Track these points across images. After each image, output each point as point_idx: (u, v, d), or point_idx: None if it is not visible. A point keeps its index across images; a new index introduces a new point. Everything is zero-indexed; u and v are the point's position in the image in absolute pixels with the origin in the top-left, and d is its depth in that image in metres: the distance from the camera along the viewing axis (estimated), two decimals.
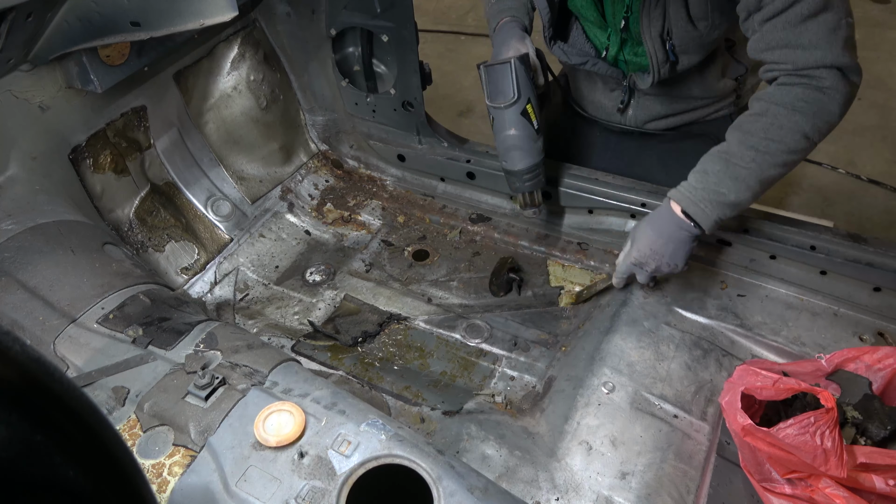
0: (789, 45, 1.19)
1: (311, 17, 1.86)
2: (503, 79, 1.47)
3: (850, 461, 0.96)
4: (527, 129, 1.51)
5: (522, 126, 1.50)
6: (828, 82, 1.19)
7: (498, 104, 1.50)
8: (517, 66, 1.45)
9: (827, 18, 1.16)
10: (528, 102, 1.48)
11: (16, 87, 1.36)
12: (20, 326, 1.15)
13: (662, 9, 1.37)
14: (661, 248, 1.37)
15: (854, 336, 1.38)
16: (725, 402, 1.10)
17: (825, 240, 1.41)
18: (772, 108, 1.24)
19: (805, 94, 1.21)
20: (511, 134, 1.51)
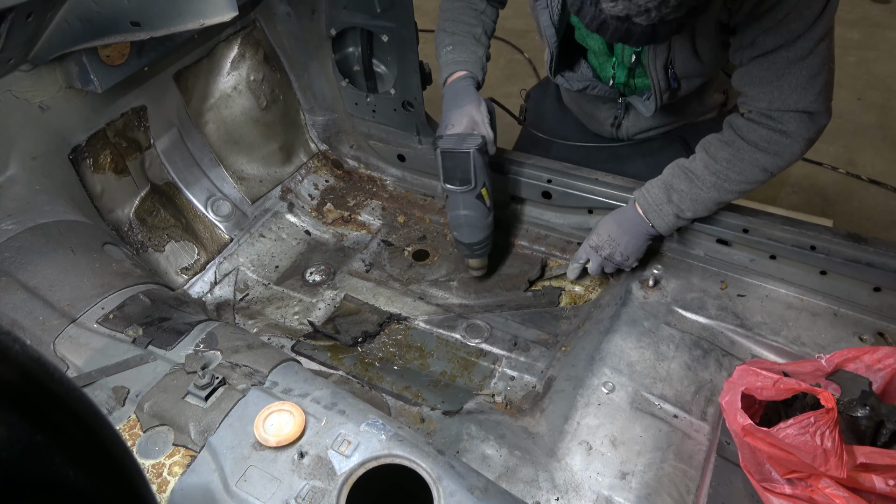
0: (770, 85, 1.25)
1: (311, 17, 1.86)
2: (461, 167, 1.49)
3: (849, 461, 0.96)
4: (480, 210, 1.56)
5: (476, 207, 1.56)
6: (792, 126, 1.27)
7: (454, 187, 1.53)
8: (475, 157, 1.47)
9: (810, 64, 1.21)
10: (482, 186, 1.53)
11: (16, 87, 1.36)
12: (20, 326, 1.15)
13: (668, 43, 1.40)
14: (619, 238, 1.49)
15: (854, 336, 1.38)
16: (725, 402, 1.10)
17: (825, 240, 1.41)
18: (738, 142, 1.33)
19: (769, 136, 1.29)
20: (464, 213, 1.57)
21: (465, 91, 1.54)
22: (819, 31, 1.18)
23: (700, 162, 1.38)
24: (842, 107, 3.31)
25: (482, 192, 1.53)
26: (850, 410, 1.06)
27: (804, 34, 1.18)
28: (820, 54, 1.21)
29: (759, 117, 1.30)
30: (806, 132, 1.28)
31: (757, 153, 1.31)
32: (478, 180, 1.51)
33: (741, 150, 1.33)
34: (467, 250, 1.64)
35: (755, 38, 1.22)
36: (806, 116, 1.26)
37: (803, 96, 1.24)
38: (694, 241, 1.57)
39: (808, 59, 1.21)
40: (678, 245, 1.59)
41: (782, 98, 1.25)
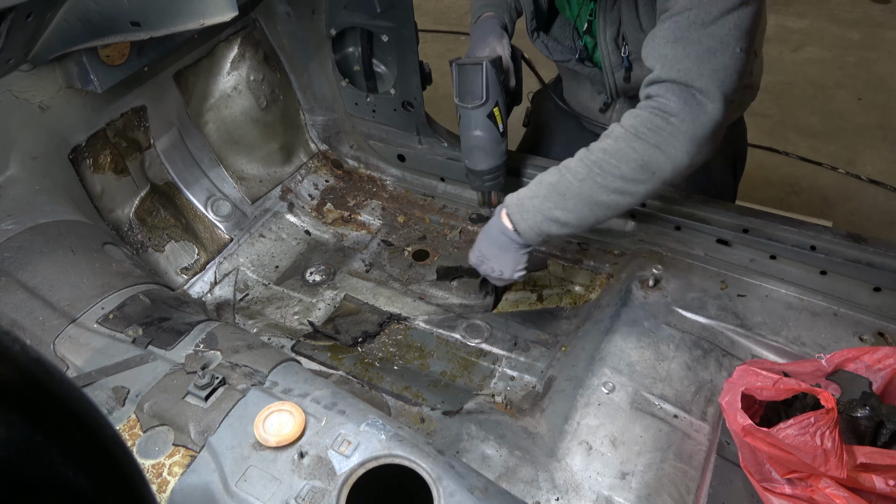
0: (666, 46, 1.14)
1: (311, 17, 1.86)
2: (473, 80, 1.47)
3: (850, 461, 0.96)
4: (492, 132, 1.52)
5: (488, 128, 1.52)
6: (673, 104, 1.12)
7: (466, 104, 1.51)
8: (488, 69, 1.45)
9: (711, 34, 1.10)
10: (495, 105, 1.50)
11: (16, 87, 1.36)
12: (20, 326, 1.15)
13: (618, 13, 1.37)
14: (488, 252, 1.38)
15: (854, 336, 1.38)
16: (725, 402, 1.10)
17: (825, 240, 1.41)
18: (616, 129, 1.20)
19: (650, 120, 1.14)
20: (476, 135, 1.54)
21: (491, 28, 1.55)
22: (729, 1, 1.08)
23: (578, 155, 1.24)
24: (842, 107, 3.31)
25: (494, 112, 1.49)
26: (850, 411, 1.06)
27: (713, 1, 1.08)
28: (726, 26, 1.09)
29: (645, 99, 1.18)
30: (690, 117, 1.12)
31: (634, 141, 1.16)
32: (489, 95, 1.48)
33: (618, 138, 1.18)
34: (478, 180, 1.59)
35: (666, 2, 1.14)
36: (690, 96, 1.11)
37: (693, 66, 1.10)
38: (694, 241, 1.57)
39: (711, 27, 1.09)
40: (678, 245, 1.59)
41: (673, 62, 1.12)
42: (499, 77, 1.48)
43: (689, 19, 1.10)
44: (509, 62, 1.54)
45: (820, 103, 3.34)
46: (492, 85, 1.47)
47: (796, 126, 3.19)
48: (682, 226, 1.56)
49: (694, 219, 1.54)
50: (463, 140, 1.58)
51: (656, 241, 1.62)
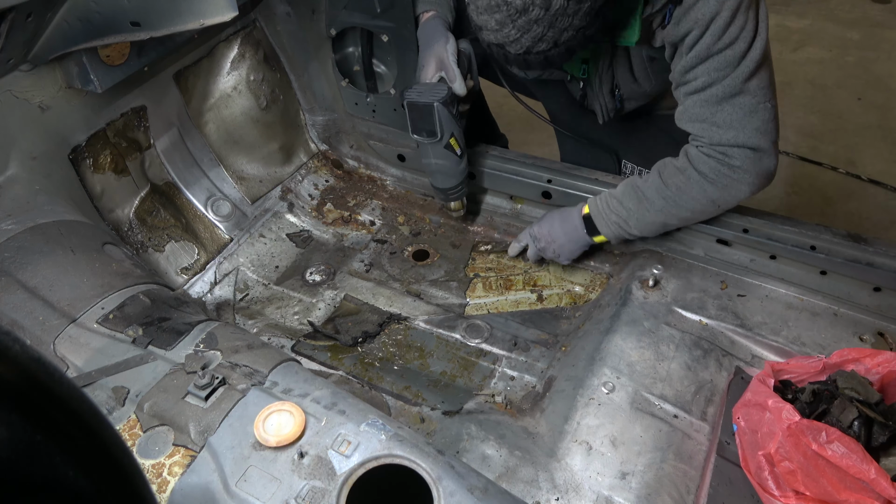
0: (706, 121, 1.29)
1: (311, 17, 1.86)
2: (426, 119, 1.52)
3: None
4: (450, 159, 1.62)
5: (445, 157, 1.61)
6: (738, 162, 1.30)
7: (421, 139, 1.58)
8: (440, 110, 1.50)
9: (742, 102, 1.25)
10: (451, 137, 1.56)
11: (16, 87, 1.36)
12: (20, 326, 1.15)
13: (612, 73, 1.53)
14: (557, 237, 1.58)
15: (854, 336, 1.38)
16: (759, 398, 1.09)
17: (825, 240, 1.41)
18: (689, 171, 1.36)
19: (718, 168, 1.32)
20: (434, 162, 1.64)
21: (434, 30, 1.58)
22: (746, 69, 1.22)
23: (652, 185, 1.42)
24: (842, 107, 3.30)
25: (451, 142, 1.56)
26: None
27: (731, 73, 1.22)
28: (751, 92, 1.24)
29: (709, 150, 1.32)
30: (753, 168, 1.30)
31: (706, 184, 1.34)
32: (444, 131, 1.54)
33: (691, 179, 1.36)
34: (442, 195, 1.73)
35: (685, 75, 1.28)
36: (750, 152, 1.29)
37: (740, 132, 1.27)
38: (694, 241, 1.57)
39: (739, 97, 1.24)
40: (678, 245, 1.59)
41: (720, 134, 1.29)
42: (451, 111, 1.52)
43: (717, 95, 1.25)
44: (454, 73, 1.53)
45: (820, 103, 3.34)
46: (445, 121, 1.53)
47: (796, 126, 3.19)
48: (682, 226, 1.56)
49: None
50: (424, 164, 1.67)
51: (656, 241, 1.62)
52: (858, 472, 0.95)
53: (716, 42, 1.20)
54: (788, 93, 3.43)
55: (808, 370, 1.19)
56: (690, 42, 1.22)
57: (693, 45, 1.22)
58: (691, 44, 1.22)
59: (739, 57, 1.21)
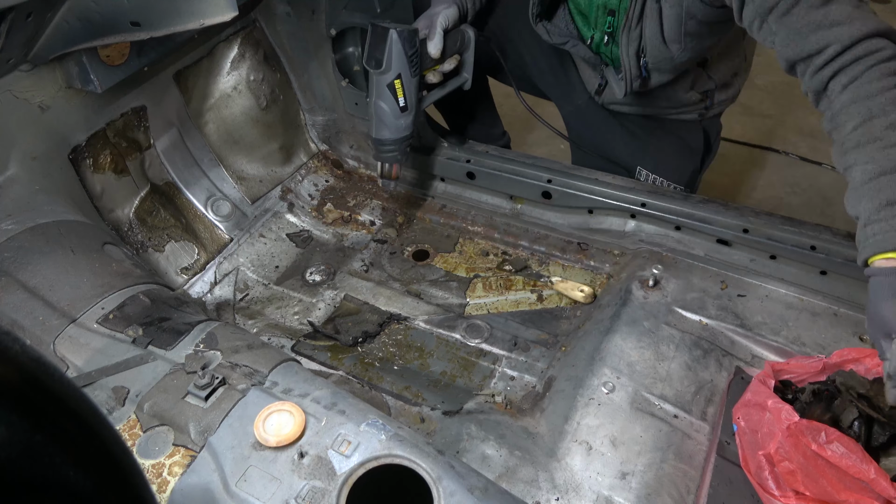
0: (822, 25, 1.05)
1: (311, 17, 1.86)
2: (378, 45, 1.45)
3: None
4: (390, 104, 1.50)
5: (386, 98, 1.50)
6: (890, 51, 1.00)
7: (369, 68, 1.50)
8: (393, 39, 1.41)
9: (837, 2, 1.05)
10: (396, 77, 1.47)
11: (16, 87, 1.35)
12: (20, 326, 1.15)
13: (640, 30, 1.43)
14: None
15: (854, 336, 1.38)
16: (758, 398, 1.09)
17: (825, 240, 1.41)
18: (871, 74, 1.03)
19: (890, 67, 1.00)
20: (375, 102, 1.52)
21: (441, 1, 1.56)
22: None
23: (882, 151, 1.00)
24: None
25: (395, 84, 1.48)
26: None
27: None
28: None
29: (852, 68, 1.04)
30: None
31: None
32: (391, 65, 1.46)
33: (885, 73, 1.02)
34: (375, 149, 1.61)
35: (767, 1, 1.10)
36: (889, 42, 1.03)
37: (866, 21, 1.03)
38: (694, 241, 1.57)
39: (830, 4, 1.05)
40: (678, 245, 1.59)
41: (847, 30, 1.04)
42: (406, 50, 1.44)
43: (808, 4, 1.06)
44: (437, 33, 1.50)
45: None
46: (395, 56, 1.43)
47: (796, 126, 3.19)
48: (682, 226, 1.56)
49: (694, 219, 1.54)
50: (367, 104, 1.56)
51: (656, 241, 1.62)
52: (858, 472, 0.95)
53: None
54: (788, 93, 3.43)
55: (808, 370, 1.19)
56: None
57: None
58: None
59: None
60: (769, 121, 3.24)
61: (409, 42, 1.45)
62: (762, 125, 3.20)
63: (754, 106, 3.33)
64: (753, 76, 3.57)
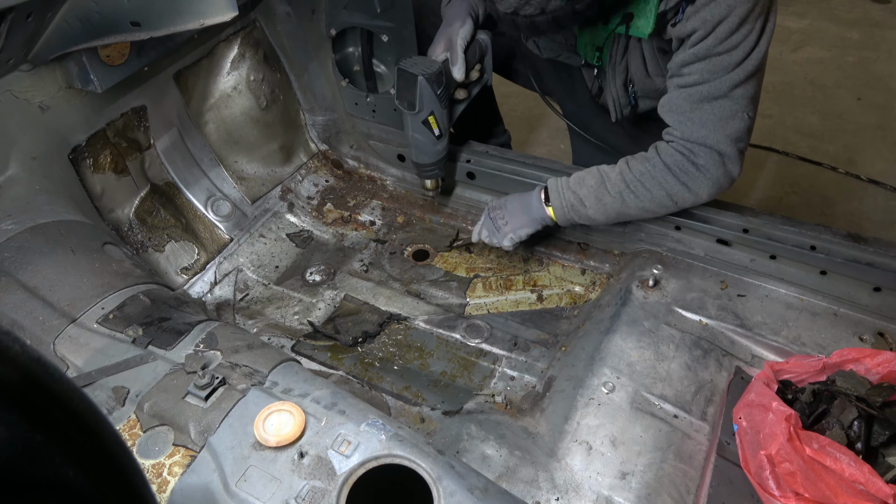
0: (685, 115, 1.33)
1: (311, 17, 1.86)
2: (409, 89, 1.55)
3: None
4: (426, 136, 1.65)
5: (422, 132, 1.64)
6: (702, 161, 1.34)
7: (403, 109, 1.61)
8: (422, 85, 1.53)
9: (723, 106, 1.28)
10: (430, 114, 1.59)
11: (16, 87, 1.36)
12: (20, 326, 1.15)
13: (625, 63, 1.54)
14: (512, 207, 1.59)
15: (854, 336, 1.38)
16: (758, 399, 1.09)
17: (825, 240, 1.41)
18: (655, 159, 1.39)
19: (683, 163, 1.35)
20: (412, 135, 1.66)
21: (456, 11, 1.60)
22: (737, 77, 1.25)
23: (617, 169, 1.44)
24: (842, 107, 3.30)
25: (429, 120, 1.59)
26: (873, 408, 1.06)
27: (721, 77, 1.26)
28: (735, 99, 1.28)
29: (679, 144, 1.36)
30: (715, 171, 1.34)
31: (668, 175, 1.37)
32: (423, 106, 1.57)
33: (656, 167, 1.38)
34: (416, 170, 1.78)
35: (681, 68, 1.30)
36: (716, 155, 1.33)
37: (712, 133, 1.31)
38: (694, 241, 1.57)
39: (722, 100, 1.28)
40: (678, 245, 1.59)
41: (693, 130, 1.32)
42: (435, 90, 1.54)
43: (702, 93, 1.29)
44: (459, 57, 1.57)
45: (820, 103, 3.34)
46: (426, 97, 1.55)
47: (796, 126, 3.19)
48: (682, 226, 1.56)
49: (694, 219, 1.54)
50: (405, 134, 1.69)
51: (656, 241, 1.62)
52: (853, 475, 0.95)
53: (717, 45, 1.22)
54: (788, 93, 3.43)
55: (807, 370, 1.19)
56: (695, 40, 1.25)
57: (696, 43, 1.25)
58: (695, 41, 1.25)
59: (735, 64, 1.24)
60: (769, 121, 3.24)
61: (436, 83, 1.54)
62: (762, 125, 3.20)
63: None
64: None
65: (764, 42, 1.24)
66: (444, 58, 1.58)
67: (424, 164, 1.73)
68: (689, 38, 1.26)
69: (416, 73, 1.51)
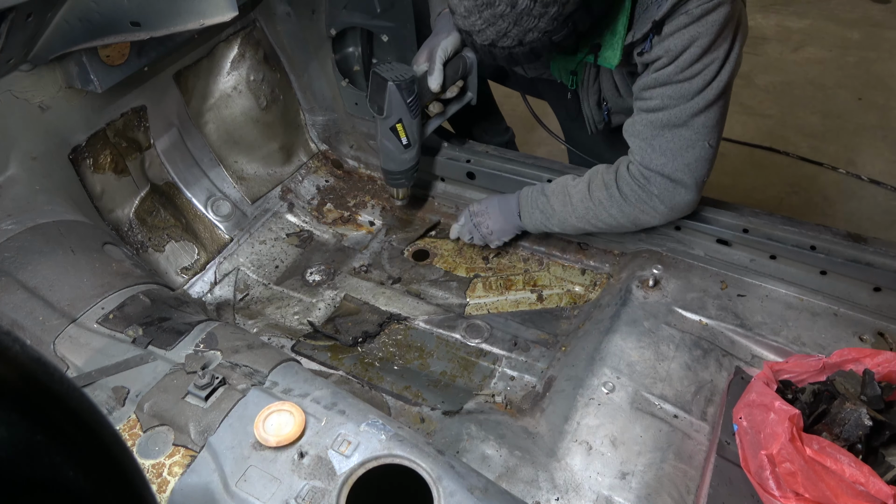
0: (645, 140, 1.35)
1: (311, 17, 1.86)
2: (379, 94, 1.54)
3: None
4: (394, 143, 1.63)
5: (390, 138, 1.62)
6: (656, 190, 1.37)
7: (373, 113, 1.61)
8: (392, 91, 1.51)
9: (683, 135, 1.31)
10: (397, 122, 1.58)
11: (16, 87, 1.36)
12: (20, 326, 1.15)
13: (598, 85, 1.57)
14: (492, 212, 1.66)
15: (854, 336, 1.38)
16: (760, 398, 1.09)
17: (825, 240, 1.41)
18: (613, 189, 1.43)
19: (637, 192, 1.40)
20: (380, 140, 1.64)
21: (443, 24, 1.61)
22: (697, 105, 1.27)
23: (579, 193, 1.49)
24: (842, 107, 3.30)
25: (397, 127, 1.58)
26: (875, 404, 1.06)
27: (681, 104, 1.28)
28: (694, 128, 1.30)
29: (635, 171, 1.39)
30: (668, 200, 1.38)
31: (624, 204, 1.42)
32: (392, 112, 1.56)
33: (612, 197, 1.43)
34: (385, 177, 1.76)
35: (642, 92, 1.32)
36: (670, 183, 1.36)
37: (669, 162, 1.33)
38: (694, 241, 1.57)
39: (682, 129, 1.30)
40: (678, 245, 1.59)
41: (651, 157, 1.35)
42: (405, 97, 1.53)
43: (662, 120, 1.31)
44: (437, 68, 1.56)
45: (820, 103, 3.34)
46: (395, 104, 1.54)
47: (796, 126, 3.19)
48: (682, 226, 1.56)
49: (694, 219, 1.54)
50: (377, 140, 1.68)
51: (656, 241, 1.62)
52: (853, 476, 0.95)
53: (678, 73, 1.25)
54: (788, 93, 3.43)
55: (807, 370, 1.19)
56: (657, 66, 1.27)
57: (658, 70, 1.27)
58: (658, 67, 1.27)
59: (695, 92, 1.26)
60: (769, 121, 3.25)
61: (407, 91, 1.53)
62: (762, 125, 3.20)
63: (754, 106, 3.33)
64: (753, 77, 3.58)
65: (726, 72, 1.25)
66: (424, 69, 1.58)
67: (391, 171, 1.71)
68: (653, 63, 1.28)
69: (387, 79, 1.50)
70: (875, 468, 0.99)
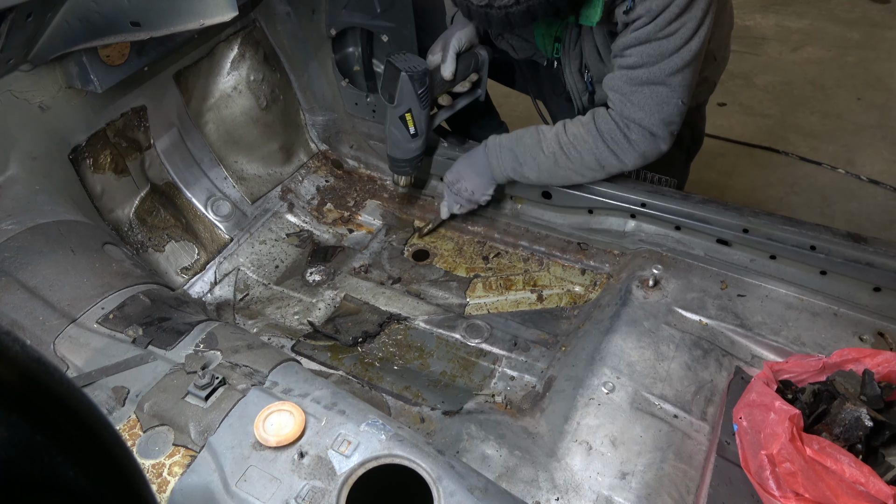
0: (625, 95, 1.43)
1: (311, 17, 1.86)
2: (391, 83, 1.58)
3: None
4: (402, 132, 1.67)
5: (398, 127, 1.66)
6: (635, 136, 1.45)
7: (384, 100, 1.64)
8: (404, 81, 1.56)
9: (660, 92, 1.39)
10: (407, 111, 1.61)
11: (16, 87, 1.36)
12: (20, 326, 1.15)
13: (579, 50, 1.59)
14: (465, 173, 1.69)
15: (854, 336, 1.38)
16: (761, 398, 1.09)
17: (825, 240, 1.41)
18: (590, 125, 1.49)
19: (616, 133, 1.46)
20: (388, 127, 1.68)
21: (458, 21, 1.66)
22: (674, 64, 1.35)
23: (554, 130, 1.54)
24: (842, 107, 3.30)
25: (406, 116, 1.62)
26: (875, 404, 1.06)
27: (659, 63, 1.35)
28: (672, 87, 1.38)
29: (616, 116, 1.46)
30: (645, 146, 1.46)
31: (599, 142, 1.47)
32: (402, 101, 1.59)
33: (590, 132, 1.48)
34: (390, 163, 1.80)
35: (623, 50, 1.38)
36: (650, 135, 1.44)
37: (648, 116, 1.42)
38: (694, 241, 1.57)
39: (660, 87, 1.38)
40: (678, 245, 1.59)
41: (631, 110, 1.43)
42: (416, 88, 1.57)
43: (641, 77, 1.38)
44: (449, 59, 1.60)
45: (820, 103, 3.34)
46: (406, 94, 1.58)
47: (796, 126, 3.19)
48: (682, 226, 1.56)
49: (694, 219, 1.54)
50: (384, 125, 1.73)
51: (656, 241, 1.62)
52: (853, 476, 0.96)
53: (658, 31, 1.32)
54: (788, 93, 3.43)
55: (807, 370, 1.19)
56: (638, 25, 1.33)
57: (638, 28, 1.33)
58: (638, 27, 1.33)
59: (673, 50, 1.34)
60: (769, 121, 3.24)
61: (419, 82, 1.56)
62: (762, 125, 3.20)
63: (754, 106, 3.33)
64: (753, 77, 3.58)
65: (702, 32, 1.33)
66: (437, 60, 1.61)
67: (397, 158, 1.74)
68: (634, 23, 1.34)
69: (401, 69, 1.54)
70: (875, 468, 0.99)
